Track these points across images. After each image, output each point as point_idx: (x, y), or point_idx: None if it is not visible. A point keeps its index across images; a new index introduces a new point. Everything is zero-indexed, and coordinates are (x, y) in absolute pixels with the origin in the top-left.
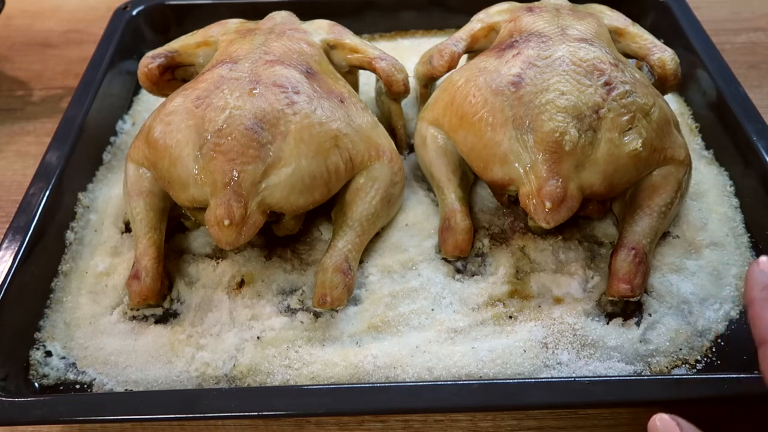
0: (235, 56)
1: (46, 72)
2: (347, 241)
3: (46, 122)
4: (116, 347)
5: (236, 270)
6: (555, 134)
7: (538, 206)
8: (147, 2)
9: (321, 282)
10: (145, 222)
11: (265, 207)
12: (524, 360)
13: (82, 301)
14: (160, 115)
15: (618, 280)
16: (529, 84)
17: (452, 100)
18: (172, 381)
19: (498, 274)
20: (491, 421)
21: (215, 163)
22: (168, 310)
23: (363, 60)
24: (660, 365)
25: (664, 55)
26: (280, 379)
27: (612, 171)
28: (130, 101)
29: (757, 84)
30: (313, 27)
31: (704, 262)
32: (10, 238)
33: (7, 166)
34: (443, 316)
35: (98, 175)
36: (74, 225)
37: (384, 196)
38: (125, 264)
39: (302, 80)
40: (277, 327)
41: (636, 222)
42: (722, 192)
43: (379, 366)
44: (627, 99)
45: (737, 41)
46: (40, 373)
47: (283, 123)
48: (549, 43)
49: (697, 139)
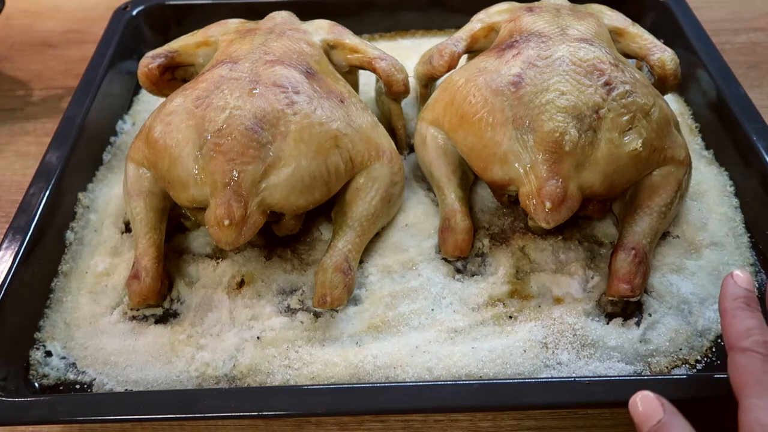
0: (235, 56)
1: (46, 72)
2: (347, 241)
3: (46, 122)
4: (116, 347)
5: (236, 270)
6: (555, 134)
7: (538, 206)
8: (147, 2)
9: (321, 282)
10: (145, 222)
11: (265, 207)
12: (524, 360)
13: (82, 301)
14: (160, 115)
15: (618, 280)
16: (529, 84)
17: (452, 100)
18: (172, 381)
19: (498, 274)
20: (491, 421)
21: (215, 163)
22: (168, 310)
23: (363, 60)
24: (660, 365)
25: (664, 55)
26: (280, 379)
27: (612, 171)
28: (130, 101)
29: (757, 84)
30: (313, 27)
31: (704, 262)
32: (10, 238)
33: (7, 166)
34: (443, 316)
35: (98, 175)
36: (74, 225)
37: (384, 196)
38: (125, 264)
39: (302, 80)
40: (277, 327)
41: (636, 222)
42: (722, 192)
43: (379, 366)
44: (627, 99)
45: (737, 41)
46: (40, 373)
47: (283, 123)
48: (549, 43)
49: (697, 139)
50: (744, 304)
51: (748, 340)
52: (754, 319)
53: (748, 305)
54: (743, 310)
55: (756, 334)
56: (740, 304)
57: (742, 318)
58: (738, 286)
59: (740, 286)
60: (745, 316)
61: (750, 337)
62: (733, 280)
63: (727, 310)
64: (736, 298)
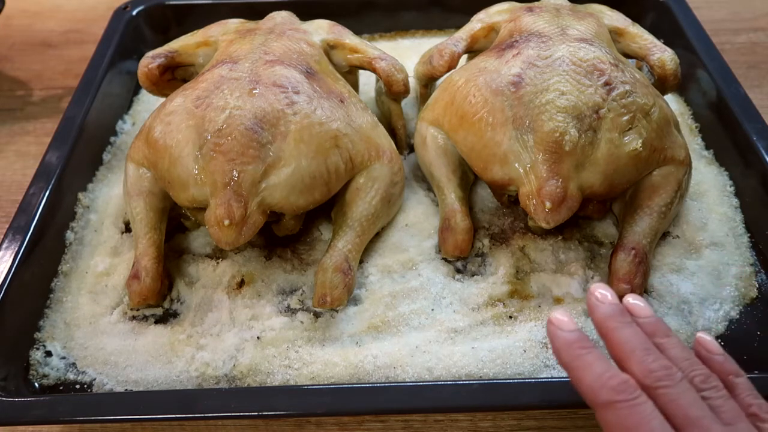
0: (235, 56)
1: (46, 72)
2: (347, 241)
3: (46, 122)
4: (116, 347)
5: (236, 270)
6: (555, 134)
7: (538, 206)
8: (147, 2)
9: (321, 282)
10: (145, 222)
11: (265, 207)
12: (524, 360)
13: (82, 301)
14: (160, 115)
15: (618, 280)
16: (529, 84)
17: (452, 100)
18: (172, 381)
19: (498, 274)
20: (491, 421)
21: (215, 163)
22: (168, 310)
23: (363, 60)
24: None
25: (664, 55)
26: (280, 379)
27: (612, 171)
28: (130, 101)
29: (757, 84)
30: (313, 27)
31: (704, 262)
32: (10, 238)
33: (7, 166)
34: (443, 316)
35: (98, 175)
36: (74, 225)
37: (384, 196)
38: (125, 264)
39: (302, 80)
40: (277, 327)
41: (636, 222)
42: (722, 192)
43: (379, 366)
44: (627, 99)
45: (737, 41)
46: (40, 373)
47: (283, 123)
48: (549, 43)
49: (697, 139)
50: (580, 349)
51: (602, 391)
52: (599, 361)
53: (583, 347)
54: (583, 357)
55: (606, 378)
56: (577, 351)
57: (585, 365)
58: (564, 332)
59: (566, 329)
60: (588, 362)
61: (603, 386)
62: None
63: (567, 365)
64: (569, 344)
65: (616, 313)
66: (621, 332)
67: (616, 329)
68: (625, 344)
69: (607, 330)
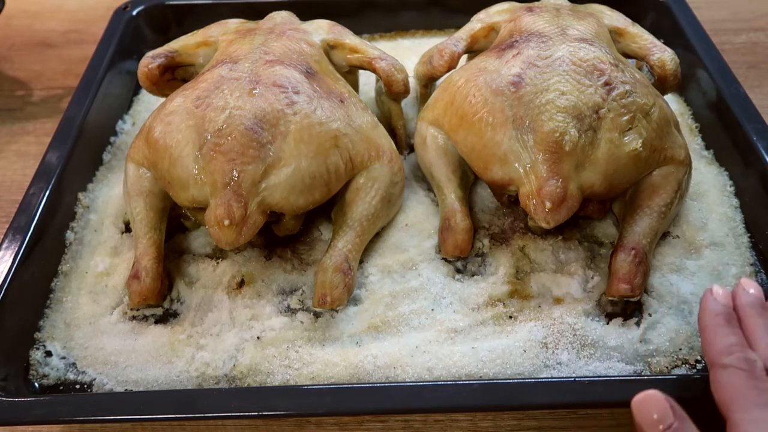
0: (235, 56)
1: (46, 72)
2: (347, 241)
3: (46, 122)
4: (116, 347)
5: (236, 270)
6: (555, 134)
7: (538, 206)
8: (147, 2)
9: (321, 282)
10: (145, 222)
11: (265, 207)
12: (524, 360)
13: (82, 301)
14: (160, 115)
15: (618, 280)
16: (529, 84)
17: (452, 100)
18: (172, 381)
19: (498, 274)
20: (491, 421)
21: (215, 163)
22: (168, 310)
23: (363, 60)
24: (660, 365)
25: (664, 55)
26: (280, 379)
27: (612, 171)
28: (130, 101)
29: (757, 84)
30: (313, 27)
31: (704, 262)
32: (10, 238)
33: (7, 166)
34: (443, 316)
35: (98, 175)
36: (74, 225)
37: (384, 196)
38: (125, 264)
39: (302, 80)
40: (277, 327)
41: (636, 222)
42: (722, 192)
43: (379, 366)
44: (627, 99)
45: (737, 41)
46: (40, 373)
47: (283, 123)
48: (549, 43)
49: (697, 139)
50: (724, 321)
51: (729, 356)
52: (735, 336)
53: (728, 322)
54: (723, 327)
55: (737, 351)
56: (720, 321)
57: (723, 335)
58: (718, 303)
59: (719, 302)
60: (726, 333)
61: (731, 353)
62: (712, 296)
63: (707, 327)
64: (717, 314)
65: (756, 304)
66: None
67: (752, 315)
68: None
69: (746, 315)
